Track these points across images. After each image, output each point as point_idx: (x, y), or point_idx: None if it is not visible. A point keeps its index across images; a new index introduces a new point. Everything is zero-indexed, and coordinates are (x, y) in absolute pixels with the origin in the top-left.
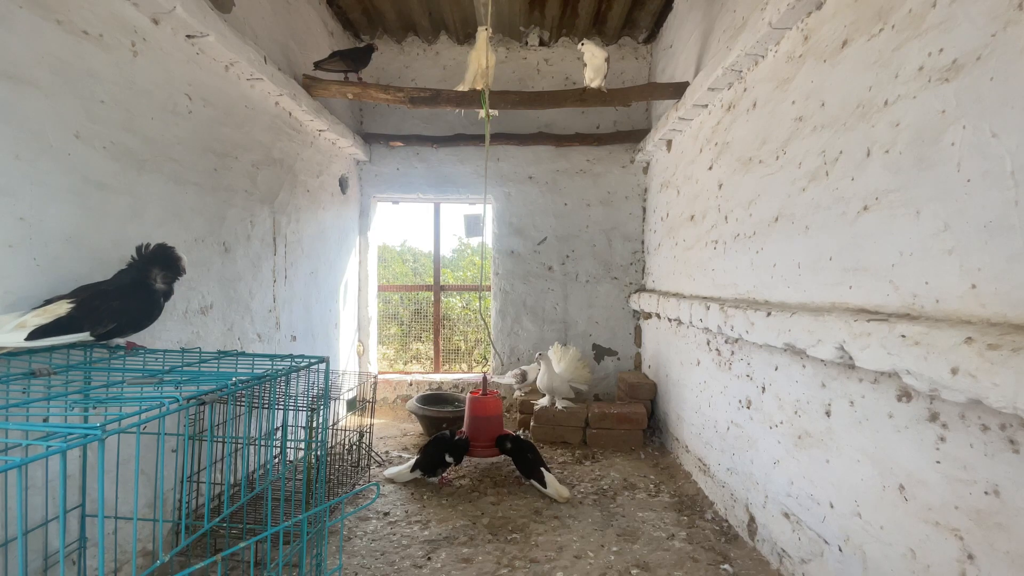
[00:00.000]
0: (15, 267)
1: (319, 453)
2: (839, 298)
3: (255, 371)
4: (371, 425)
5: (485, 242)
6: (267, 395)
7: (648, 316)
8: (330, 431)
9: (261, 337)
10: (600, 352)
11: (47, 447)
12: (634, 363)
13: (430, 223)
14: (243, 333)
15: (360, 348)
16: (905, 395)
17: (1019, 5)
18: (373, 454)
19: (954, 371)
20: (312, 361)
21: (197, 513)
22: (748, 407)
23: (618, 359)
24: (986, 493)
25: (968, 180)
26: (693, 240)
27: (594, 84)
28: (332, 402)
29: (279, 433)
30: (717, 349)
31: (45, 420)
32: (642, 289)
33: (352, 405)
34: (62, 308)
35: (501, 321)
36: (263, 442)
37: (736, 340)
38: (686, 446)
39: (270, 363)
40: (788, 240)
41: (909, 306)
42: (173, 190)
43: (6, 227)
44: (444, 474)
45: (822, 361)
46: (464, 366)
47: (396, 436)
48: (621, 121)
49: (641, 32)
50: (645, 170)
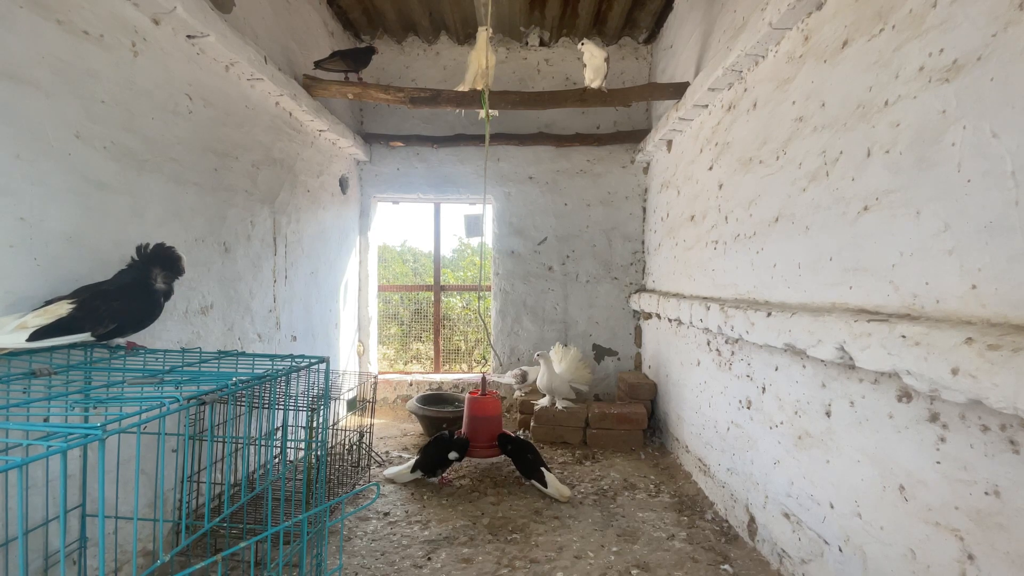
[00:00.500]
0: (16, 267)
1: (319, 453)
2: (839, 298)
3: (255, 371)
4: (371, 425)
5: (485, 242)
6: (267, 395)
7: (648, 316)
8: (330, 431)
9: (261, 337)
10: (600, 352)
11: (47, 447)
12: (634, 363)
13: (430, 223)
14: (243, 333)
15: (360, 348)
16: (905, 395)
17: (1019, 5)
18: (373, 454)
19: (954, 371)
20: (312, 361)
21: (197, 513)
22: (748, 407)
23: (618, 359)
24: (986, 493)
25: (968, 180)
26: (693, 240)
27: (594, 84)
28: (332, 402)
29: (279, 433)
30: (717, 349)
31: (46, 420)
32: (642, 289)
33: (352, 405)
34: (63, 309)
35: (501, 321)
36: (263, 442)
37: (736, 340)
38: (686, 446)
39: (270, 363)
40: (788, 240)
41: (909, 306)
42: (173, 190)
43: (6, 227)
44: (444, 474)
45: (822, 361)
46: (464, 366)
47: (396, 436)
48: (621, 121)
49: (641, 32)
50: (645, 170)
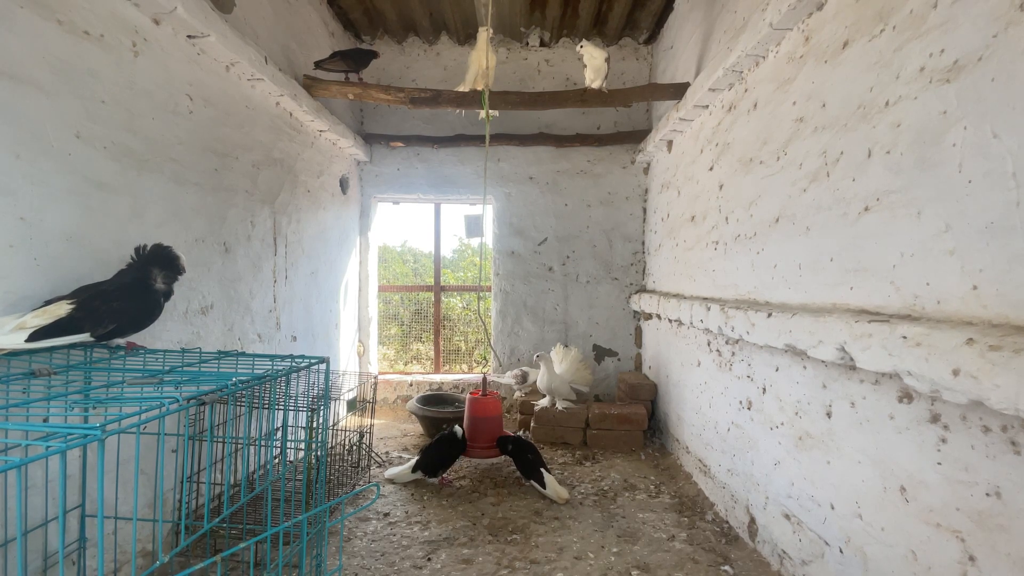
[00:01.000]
0: (15, 267)
1: (319, 453)
2: (840, 299)
3: (255, 371)
4: (371, 425)
5: (485, 242)
6: (267, 395)
7: (648, 317)
8: (330, 431)
9: (261, 337)
10: (600, 353)
11: (47, 447)
12: (634, 364)
13: (430, 223)
14: (243, 333)
15: (360, 348)
16: (906, 396)
17: (1020, 6)
18: (373, 455)
19: (955, 372)
20: (312, 361)
21: (197, 513)
22: (749, 408)
23: (618, 360)
24: (987, 495)
25: (969, 181)
26: (694, 241)
27: (595, 85)
28: (332, 402)
29: (279, 433)
30: (718, 350)
31: (45, 420)
32: (642, 290)
33: (352, 405)
34: (62, 309)
35: (501, 322)
36: (263, 442)
37: (737, 341)
38: (686, 447)
39: (270, 363)
40: (789, 241)
41: (910, 307)
42: (174, 190)
43: (6, 227)
44: (444, 475)
45: (823, 362)
46: (464, 366)
47: (396, 437)
48: (622, 122)
49: (642, 33)
50: (646, 171)
